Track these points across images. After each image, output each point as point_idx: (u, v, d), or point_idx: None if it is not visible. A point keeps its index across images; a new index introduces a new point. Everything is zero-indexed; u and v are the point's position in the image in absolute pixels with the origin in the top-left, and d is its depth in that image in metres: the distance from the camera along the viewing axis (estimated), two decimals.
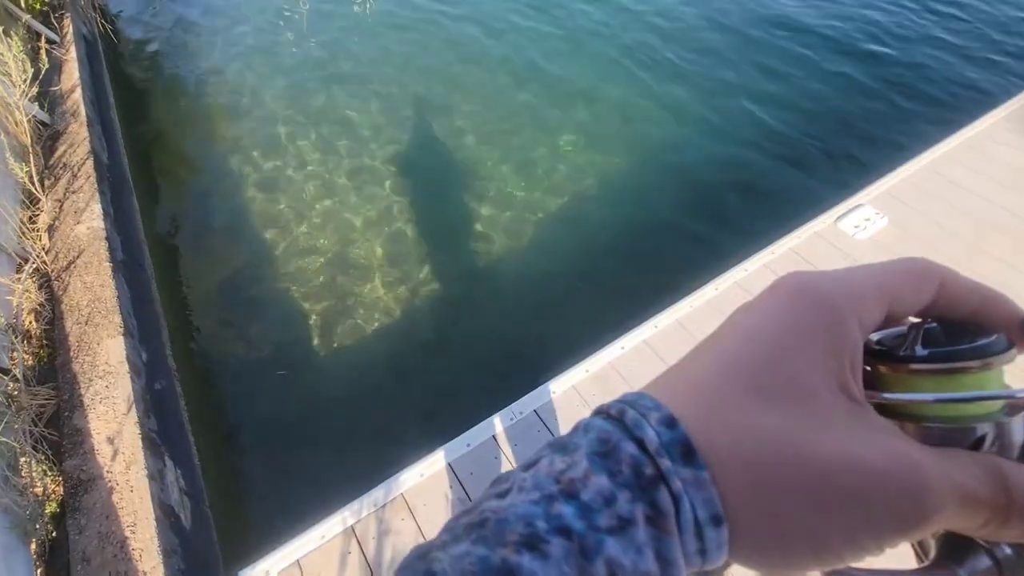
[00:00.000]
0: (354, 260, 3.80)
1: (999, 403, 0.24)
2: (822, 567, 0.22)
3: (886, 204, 3.12)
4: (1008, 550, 0.25)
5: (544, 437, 2.28)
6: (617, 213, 4.06)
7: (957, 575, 0.25)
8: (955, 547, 0.26)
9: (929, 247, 2.89)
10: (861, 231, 2.96)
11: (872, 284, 0.25)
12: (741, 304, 0.26)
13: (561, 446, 0.23)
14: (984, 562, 0.25)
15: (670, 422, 0.22)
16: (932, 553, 0.27)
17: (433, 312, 3.57)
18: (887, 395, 0.25)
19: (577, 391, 2.44)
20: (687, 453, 0.21)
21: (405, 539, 2.04)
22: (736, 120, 4.75)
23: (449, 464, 2.22)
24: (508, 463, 2.22)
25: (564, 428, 2.34)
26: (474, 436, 2.31)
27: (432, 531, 2.06)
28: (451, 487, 2.16)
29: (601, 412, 0.24)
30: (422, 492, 2.16)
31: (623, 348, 2.57)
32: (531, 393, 2.43)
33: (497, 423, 2.34)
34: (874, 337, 0.26)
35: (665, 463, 0.21)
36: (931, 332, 0.26)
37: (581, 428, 0.23)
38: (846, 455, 0.21)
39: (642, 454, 0.21)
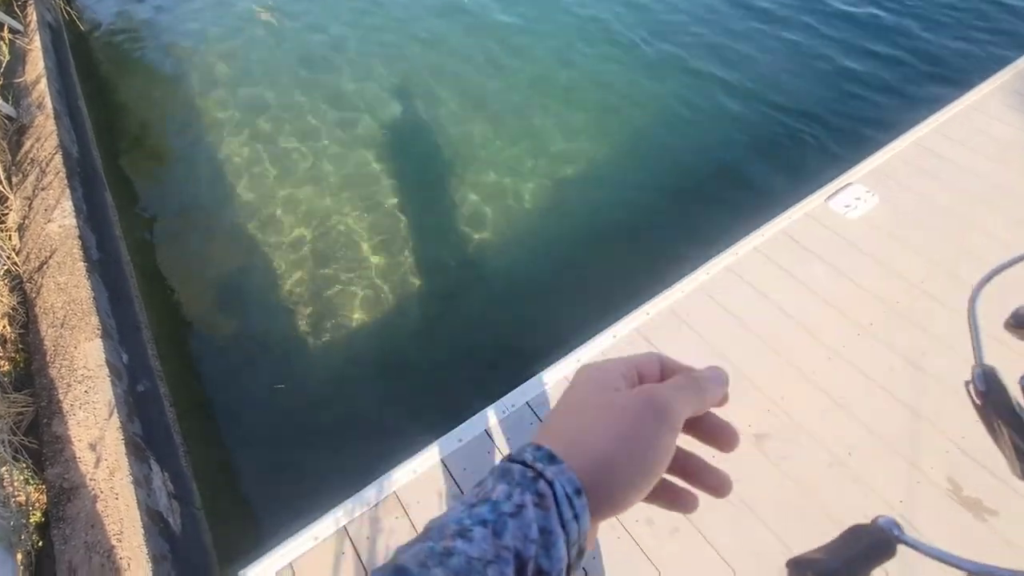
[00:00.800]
0: (339, 250, 3.72)
1: None
2: (649, 484, 0.35)
3: (876, 182, 3.09)
4: None
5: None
6: (605, 199, 4.00)
7: None
8: None
9: (920, 224, 2.87)
10: (852, 210, 2.94)
11: (624, 360, 0.41)
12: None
13: (478, 483, 0.35)
14: None
15: (537, 447, 0.34)
16: None
17: (421, 303, 3.52)
18: None
19: (569, 381, 2.40)
20: (551, 457, 0.33)
21: (399, 538, 2.02)
22: (721, 101, 4.68)
23: (442, 460, 2.20)
24: (501, 457, 2.19)
25: None
26: (466, 431, 2.27)
27: None
28: (444, 483, 2.14)
29: (504, 459, 0.35)
30: (415, 489, 2.13)
31: (615, 336, 2.54)
32: (523, 385, 2.40)
33: (490, 416, 2.30)
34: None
35: (539, 466, 0.33)
36: None
37: (490, 471, 0.35)
38: (624, 409, 0.36)
39: (525, 467, 0.33)
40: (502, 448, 2.22)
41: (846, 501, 2.04)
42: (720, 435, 0.41)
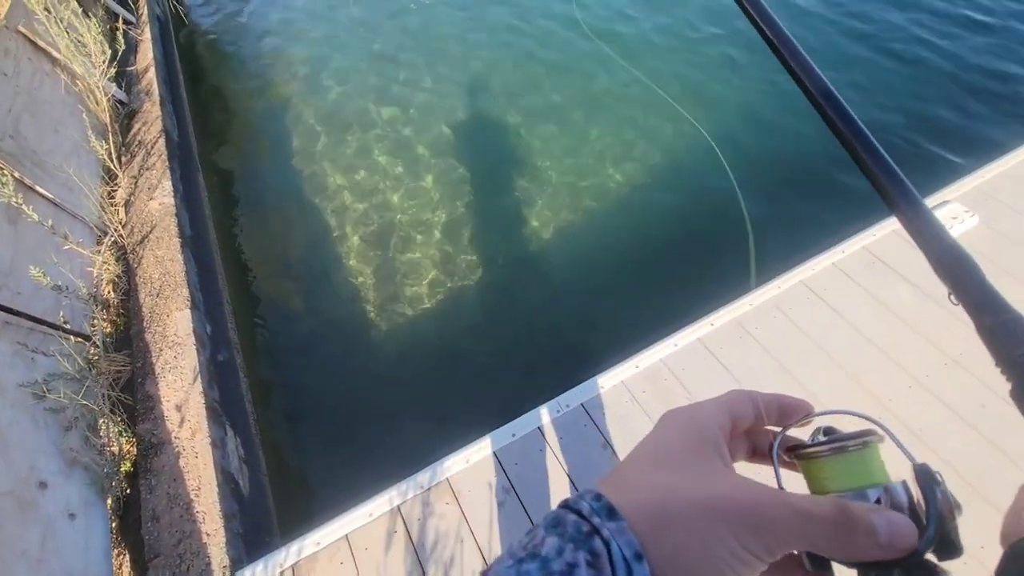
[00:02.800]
0: (406, 240, 3.84)
1: (881, 475, 0.33)
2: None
3: (976, 201, 2.85)
4: None
5: (590, 431, 2.26)
6: (676, 202, 3.91)
7: None
8: None
9: None
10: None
11: (717, 405, 0.36)
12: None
13: (528, 531, 0.31)
14: None
15: (597, 496, 0.31)
16: None
17: (481, 296, 3.58)
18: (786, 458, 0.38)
19: (626, 386, 2.39)
20: (611, 512, 0.29)
21: (449, 523, 2.08)
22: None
23: (495, 452, 2.23)
24: (553, 455, 2.21)
25: (611, 423, 2.31)
26: (520, 426, 2.30)
27: (475, 517, 2.09)
28: (496, 476, 2.18)
29: (560, 504, 0.32)
30: (467, 478, 2.18)
31: (676, 345, 2.49)
32: (579, 386, 2.40)
33: (544, 414, 2.32)
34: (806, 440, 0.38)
35: (596, 520, 0.29)
36: (829, 431, 0.36)
37: (542, 518, 0.31)
38: (715, 494, 0.30)
39: (580, 519, 0.30)
40: (554, 446, 2.24)
41: None
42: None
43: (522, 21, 5.49)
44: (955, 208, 2.80)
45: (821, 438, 0.36)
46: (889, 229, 2.80)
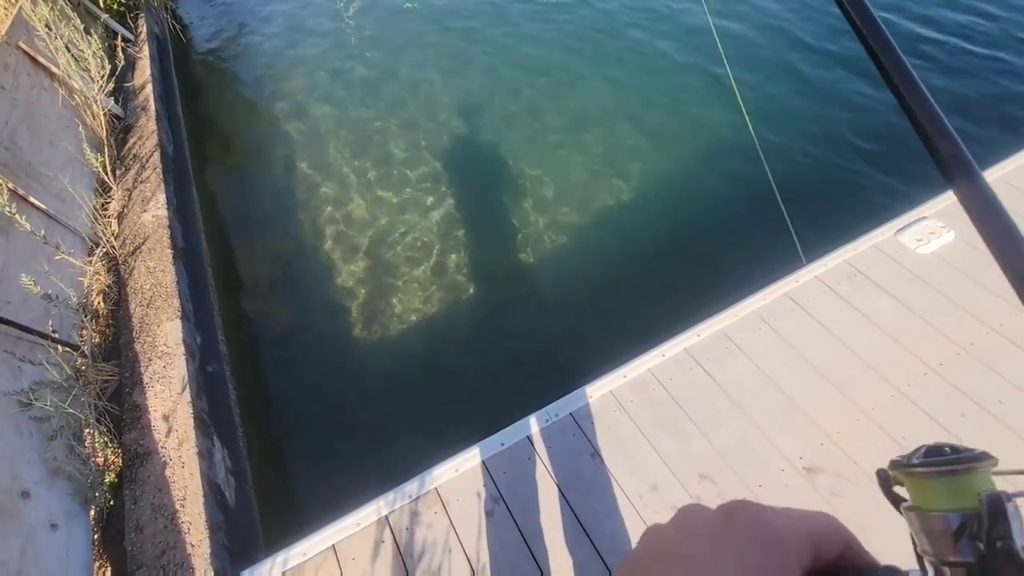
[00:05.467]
0: (396, 254, 3.88)
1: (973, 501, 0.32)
2: None
3: (953, 217, 2.94)
4: None
5: (579, 441, 2.27)
6: (663, 218, 3.99)
7: None
8: None
9: None
10: (924, 245, 2.81)
11: (808, 531, 0.29)
12: (698, 516, 0.31)
13: None
14: None
15: None
16: None
17: (471, 309, 3.60)
18: None
19: (614, 396, 2.41)
20: None
21: (437, 532, 2.07)
22: (793, 124, 4.58)
23: (483, 461, 2.24)
24: (542, 464, 2.22)
25: (600, 433, 2.32)
26: (509, 435, 2.31)
27: (464, 527, 2.08)
28: (484, 485, 2.18)
29: None
30: (455, 487, 2.18)
31: (663, 355, 2.52)
32: (567, 396, 2.42)
33: (532, 424, 2.33)
34: None
35: None
36: None
37: None
38: None
39: None
40: (543, 455, 2.24)
41: (903, 548, 1.92)
42: None
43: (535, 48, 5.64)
44: (932, 224, 2.89)
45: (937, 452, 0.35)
46: (870, 244, 2.88)
